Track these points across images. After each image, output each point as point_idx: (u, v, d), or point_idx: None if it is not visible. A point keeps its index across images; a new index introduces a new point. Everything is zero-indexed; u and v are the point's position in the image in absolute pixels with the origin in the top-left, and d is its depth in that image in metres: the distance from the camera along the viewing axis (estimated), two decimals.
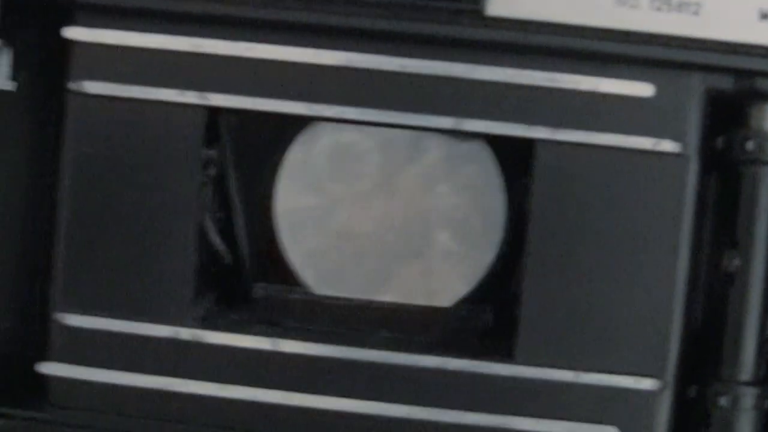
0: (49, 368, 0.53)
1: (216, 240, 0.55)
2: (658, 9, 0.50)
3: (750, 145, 0.51)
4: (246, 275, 0.56)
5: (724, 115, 0.52)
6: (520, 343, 0.52)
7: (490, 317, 0.55)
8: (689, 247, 0.51)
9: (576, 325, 0.51)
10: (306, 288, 0.55)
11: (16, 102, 0.56)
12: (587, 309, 0.51)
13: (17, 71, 0.56)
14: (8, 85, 0.56)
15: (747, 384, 0.51)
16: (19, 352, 0.55)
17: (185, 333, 0.53)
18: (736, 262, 0.51)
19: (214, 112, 0.52)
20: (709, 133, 0.51)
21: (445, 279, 0.54)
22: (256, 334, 0.53)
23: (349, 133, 0.54)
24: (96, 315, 0.53)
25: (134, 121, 0.52)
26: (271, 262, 0.56)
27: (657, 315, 0.51)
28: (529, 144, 0.51)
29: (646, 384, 0.51)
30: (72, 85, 0.53)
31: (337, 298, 0.54)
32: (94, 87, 0.52)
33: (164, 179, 0.52)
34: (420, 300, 0.54)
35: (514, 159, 0.53)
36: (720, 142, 0.52)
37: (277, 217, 0.55)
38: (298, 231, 0.55)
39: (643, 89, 0.51)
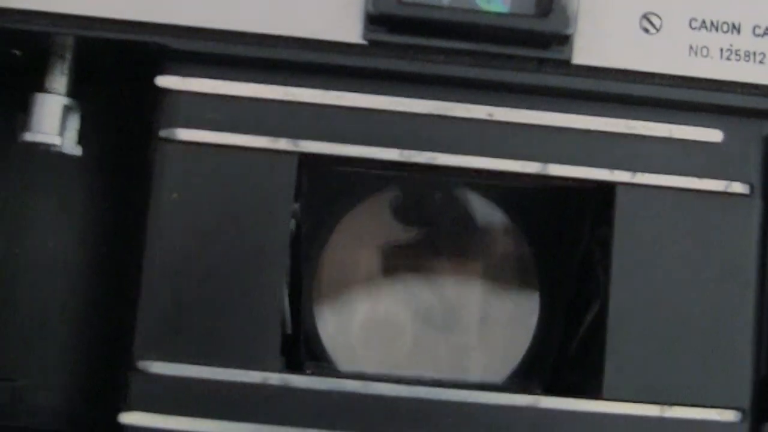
0: (132, 418, 0.52)
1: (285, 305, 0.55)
2: (728, 58, 0.54)
3: None
4: (300, 349, 0.56)
5: None
6: (608, 380, 0.53)
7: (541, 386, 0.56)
8: (760, 282, 0.54)
9: (660, 361, 0.53)
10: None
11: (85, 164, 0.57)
12: (669, 346, 0.53)
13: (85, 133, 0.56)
14: (77, 150, 0.56)
15: None
16: (102, 404, 0.53)
17: (274, 378, 0.52)
18: None
19: (306, 158, 0.53)
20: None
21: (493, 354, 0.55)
22: (345, 377, 0.53)
23: None
24: (181, 362, 0.52)
25: (225, 168, 0.53)
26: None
27: (734, 349, 0.53)
28: (610, 188, 0.54)
29: (729, 416, 0.53)
30: (163, 133, 0.53)
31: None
32: (185, 134, 0.53)
33: (255, 225, 0.53)
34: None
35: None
36: None
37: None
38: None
39: (712, 135, 0.54)
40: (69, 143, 0.56)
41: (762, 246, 0.54)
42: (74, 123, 0.56)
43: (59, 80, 0.55)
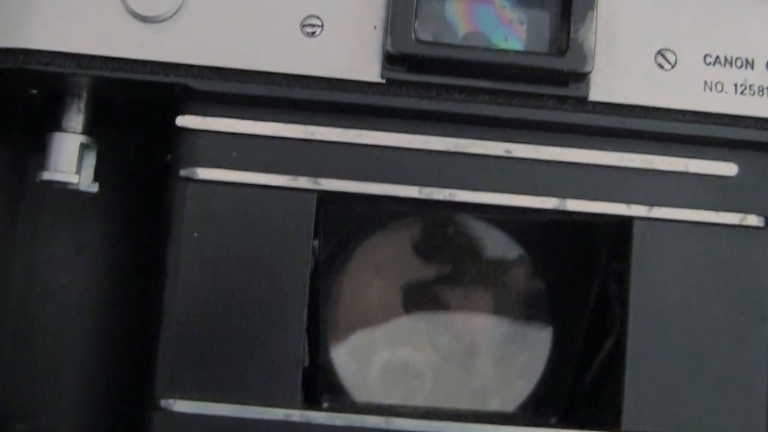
0: None
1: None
2: (742, 93, 0.54)
3: None
4: (317, 382, 0.56)
5: None
6: (627, 412, 0.53)
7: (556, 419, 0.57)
8: None
9: (676, 394, 0.54)
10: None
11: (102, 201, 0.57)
12: (686, 378, 0.54)
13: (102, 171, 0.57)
14: (93, 188, 0.56)
15: None
16: None
17: (296, 415, 0.53)
18: None
19: (325, 197, 0.54)
20: None
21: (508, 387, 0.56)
22: (366, 412, 0.53)
23: None
24: (203, 401, 0.52)
25: (245, 206, 0.53)
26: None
27: (749, 381, 0.54)
28: (627, 223, 0.54)
29: None
30: (183, 172, 0.53)
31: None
32: (205, 173, 0.53)
33: (275, 262, 0.53)
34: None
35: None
36: None
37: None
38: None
39: (727, 168, 0.55)
40: (85, 181, 0.56)
41: None
42: (91, 161, 0.56)
43: (76, 119, 0.56)
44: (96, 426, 0.58)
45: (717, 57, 0.55)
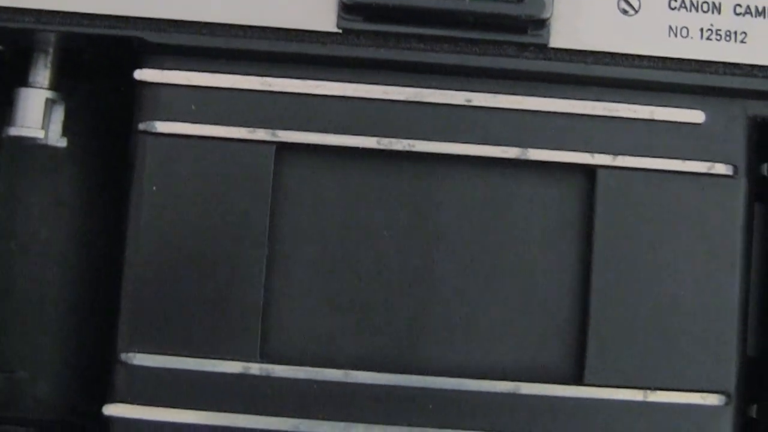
0: (116, 410, 0.52)
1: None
2: (708, 38, 0.53)
3: None
4: None
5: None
6: (590, 366, 0.53)
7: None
8: (744, 264, 0.54)
9: (643, 346, 0.53)
10: None
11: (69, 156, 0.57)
12: (652, 329, 0.53)
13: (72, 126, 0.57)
14: (61, 142, 0.56)
15: None
16: (87, 396, 0.54)
17: (255, 368, 0.52)
18: None
19: (284, 148, 0.53)
20: (755, 158, 0.54)
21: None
22: (326, 366, 0.53)
23: None
24: (163, 354, 0.53)
25: (204, 159, 0.53)
26: None
27: (719, 331, 0.53)
28: (591, 172, 0.53)
29: (713, 400, 0.53)
30: (142, 126, 0.53)
31: None
32: (164, 126, 0.53)
33: (234, 215, 0.53)
34: None
35: None
36: (765, 168, 0.55)
37: None
38: None
39: (695, 116, 0.54)
40: (54, 136, 0.56)
41: (746, 227, 0.54)
42: (59, 115, 0.57)
43: (42, 74, 0.56)
44: (75, 379, 0.58)
45: (682, 1, 0.53)
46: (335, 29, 0.53)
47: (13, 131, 0.55)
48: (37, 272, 0.59)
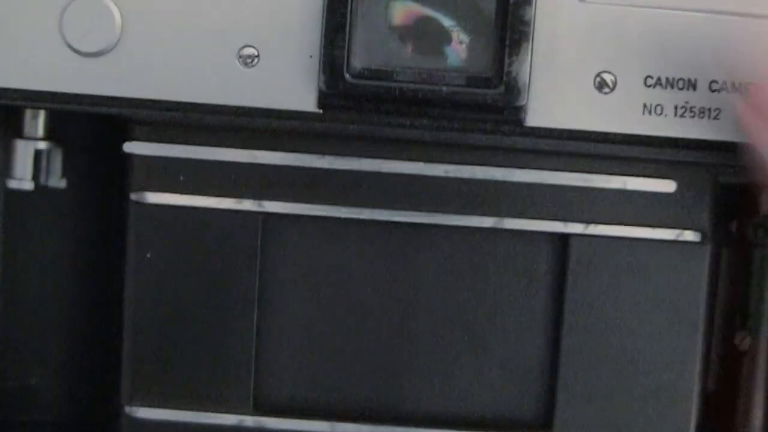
0: None
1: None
2: (682, 116, 0.54)
3: (760, 231, 0.56)
4: None
5: (736, 199, 0.57)
6: (558, 416, 0.57)
7: None
8: (707, 325, 0.57)
9: (608, 399, 0.57)
10: None
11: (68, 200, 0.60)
12: (619, 383, 0.57)
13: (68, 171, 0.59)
14: (61, 184, 0.59)
15: None
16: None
17: (249, 420, 0.57)
18: (747, 341, 0.57)
19: (270, 218, 0.56)
20: (722, 218, 0.57)
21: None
22: (314, 417, 0.57)
23: None
24: (163, 407, 0.57)
25: (194, 229, 0.56)
26: None
27: (679, 387, 0.57)
28: (564, 239, 0.56)
29: None
30: (134, 196, 0.56)
31: None
32: (154, 197, 0.56)
33: (225, 279, 0.56)
34: None
35: None
36: (734, 226, 0.57)
37: None
38: None
39: (666, 185, 0.55)
40: (53, 181, 0.59)
41: (710, 291, 0.57)
42: (56, 162, 0.59)
43: (33, 125, 0.58)
44: (83, 383, 0.63)
45: (658, 78, 0.54)
46: (315, 109, 0.54)
47: (9, 183, 0.58)
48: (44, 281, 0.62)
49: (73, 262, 0.61)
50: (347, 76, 0.53)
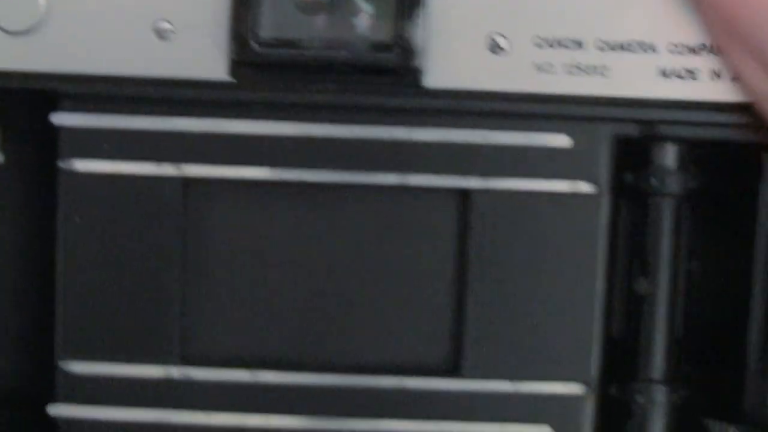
0: (58, 410, 0.61)
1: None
2: (571, 73, 0.58)
3: (653, 180, 0.60)
4: None
5: (632, 153, 0.60)
6: (465, 359, 0.60)
7: None
8: (605, 271, 0.60)
9: (514, 343, 0.60)
10: None
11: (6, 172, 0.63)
12: (522, 329, 0.60)
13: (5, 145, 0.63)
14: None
15: (658, 382, 0.61)
16: (35, 396, 0.62)
17: (175, 371, 0.61)
18: (646, 285, 0.60)
19: (189, 181, 0.59)
20: (619, 170, 0.60)
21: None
22: (237, 367, 0.61)
23: None
24: (96, 361, 0.61)
25: (119, 195, 0.59)
26: None
27: (580, 330, 0.60)
28: (465, 194, 0.59)
29: (574, 388, 0.60)
30: (62, 164, 0.59)
31: None
32: (80, 165, 0.59)
33: (150, 240, 0.60)
34: None
35: None
36: (629, 177, 0.60)
37: None
38: None
39: (561, 141, 0.59)
40: None
41: (610, 240, 0.60)
42: None
43: None
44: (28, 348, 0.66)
45: (547, 39, 0.57)
46: (227, 78, 0.58)
47: None
48: None
49: (13, 233, 0.65)
50: (254, 45, 0.56)
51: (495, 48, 0.57)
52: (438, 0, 0.57)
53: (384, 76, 0.57)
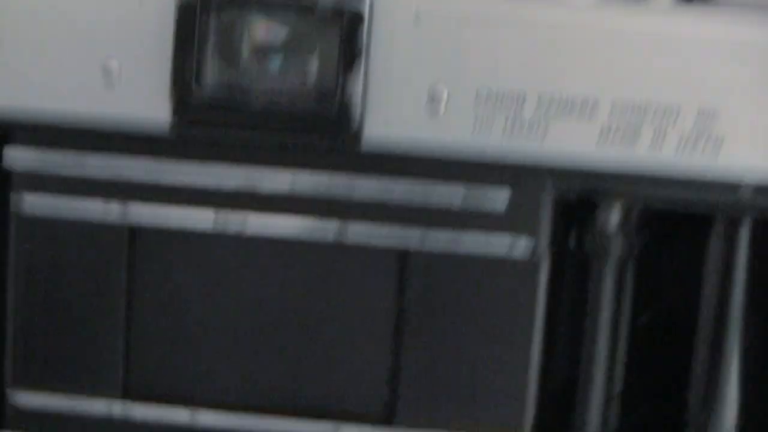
0: None
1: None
2: (512, 131, 0.57)
3: (593, 244, 0.60)
4: None
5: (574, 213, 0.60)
6: (400, 408, 0.61)
7: None
8: (542, 327, 0.60)
9: (448, 394, 0.60)
10: None
11: None
12: (457, 380, 0.60)
13: None
14: None
15: None
16: None
17: (118, 406, 0.62)
18: (586, 344, 0.60)
19: (136, 229, 0.61)
20: (560, 229, 0.60)
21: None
22: (177, 405, 0.62)
23: None
24: (42, 392, 0.62)
25: (67, 238, 0.61)
26: None
27: (515, 383, 0.60)
28: (403, 254, 0.60)
29: None
30: (13, 197, 0.61)
31: None
32: (28, 208, 0.61)
33: (95, 281, 0.61)
34: None
35: None
36: (570, 239, 0.60)
37: None
38: None
39: (501, 196, 0.59)
40: None
41: (549, 295, 0.60)
42: None
43: None
44: None
45: (488, 93, 0.57)
46: (170, 120, 0.59)
47: None
48: None
49: None
50: (196, 90, 0.57)
51: (434, 103, 0.58)
52: (381, 51, 0.57)
53: (323, 125, 0.58)
